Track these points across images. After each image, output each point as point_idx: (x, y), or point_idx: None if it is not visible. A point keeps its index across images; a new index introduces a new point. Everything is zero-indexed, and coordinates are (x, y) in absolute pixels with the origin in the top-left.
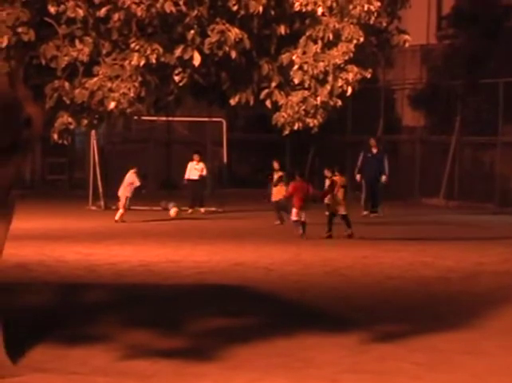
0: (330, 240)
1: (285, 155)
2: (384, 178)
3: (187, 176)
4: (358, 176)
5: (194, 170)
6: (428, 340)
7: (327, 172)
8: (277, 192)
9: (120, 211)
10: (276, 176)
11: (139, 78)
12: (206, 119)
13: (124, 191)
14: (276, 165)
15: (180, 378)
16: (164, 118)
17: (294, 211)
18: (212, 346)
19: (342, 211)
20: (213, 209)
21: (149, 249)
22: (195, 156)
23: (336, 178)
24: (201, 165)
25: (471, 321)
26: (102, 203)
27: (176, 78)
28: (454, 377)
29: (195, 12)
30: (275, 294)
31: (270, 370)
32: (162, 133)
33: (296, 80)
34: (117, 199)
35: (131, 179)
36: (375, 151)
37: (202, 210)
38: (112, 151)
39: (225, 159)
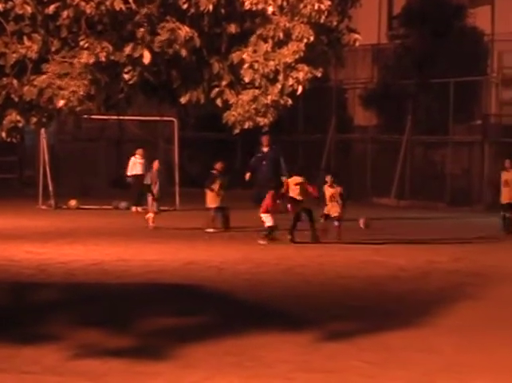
0: (283, 239)
1: (237, 154)
2: (283, 178)
3: (129, 172)
4: (247, 175)
5: (138, 165)
6: (380, 338)
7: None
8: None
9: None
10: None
11: (89, 76)
12: (157, 118)
13: None
14: (218, 166)
15: (132, 377)
16: (115, 117)
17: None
18: (164, 345)
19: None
20: (165, 208)
21: (100, 248)
22: (139, 151)
23: (290, 179)
24: (143, 161)
25: (422, 319)
26: (52, 202)
27: (126, 76)
28: (406, 374)
29: (145, 10)
30: (227, 293)
31: (222, 369)
32: (113, 132)
33: (246, 79)
34: (67, 197)
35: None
36: (266, 149)
37: (140, 209)
38: (63, 149)
39: (176, 158)
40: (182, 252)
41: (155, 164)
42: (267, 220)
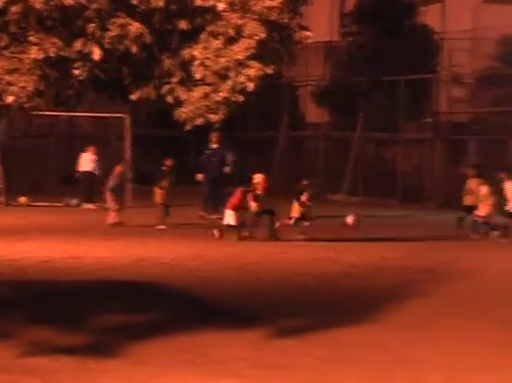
0: (234, 237)
1: (189, 151)
2: (227, 169)
3: (80, 168)
4: (200, 176)
5: (89, 161)
6: (332, 334)
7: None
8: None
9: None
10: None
11: (38, 72)
12: (108, 114)
13: None
14: (168, 163)
15: (83, 374)
16: (66, 113)
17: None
18: (115, 342)
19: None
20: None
21: (51, 245)
22: (91, 148)
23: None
24: (94, 157)
25: (374, 315)
26: (3, 199)
27: (76, 72)
28: (358, 370)
29: (95, 5)
30: (179, 290)
31: (174, 366)
32: (64, 128)
33: (197, 76)
34: (17, 194)
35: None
36: (215, 146)
37: (91, 206)
38: (13, 146)
39: (128, 155)
40: (133, 249)
41: (118, 168)
42: (231, 218)
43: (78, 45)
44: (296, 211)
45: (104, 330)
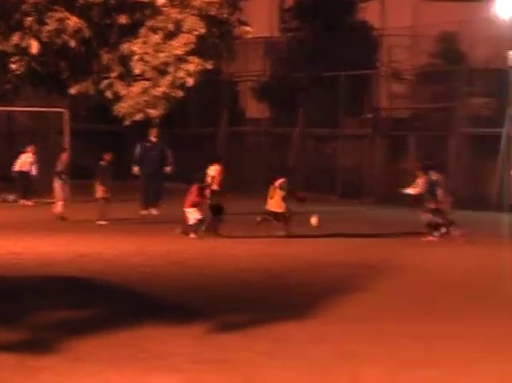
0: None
1: (129, 147)
2: (168, 169)
3: (17, 168)
4: (136, 169)
5: (27, 163)
6: (272, 329)
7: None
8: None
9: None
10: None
11: None
12: (47, 109)
13: None
14: (107, 157)
15: (22, 371)
16: (3, 108)
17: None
18: (55, 339)
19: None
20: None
21: None
22: (30, 148)
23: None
24: (33, 158)
25: (315, 310)
26: None
27: (13, 66)
28: (296, 365)
29: None
30: (120, 286)
31: (114, 362)
32: (2, 123)
33: (137, 71)
34: None
35: None
36: (154, 140)
37: (28, 202)
38: None
39: (68, 150)
40: (74, 245)
41: (64, 156)
42: (193, 215)
43: (15, 38)
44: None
45: (43, 326)
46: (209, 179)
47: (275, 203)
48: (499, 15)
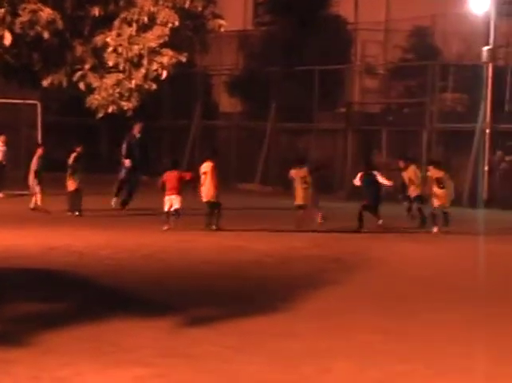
0: (146, 225)
1: (102, 139)
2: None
3: None
4: (127, 161)
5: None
6: (240, 323)
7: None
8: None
9: None
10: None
11: None
12: (19, 101)
13: None
14: (79, 150)
15: None
16: None
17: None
18: (24, 331)
19: (212, 198)
20: (26, 193)
21: None
22: (1, 138)
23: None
24: (4, 148)
25: (284, 304)
26: None
27: None
28: (265, 359)
29: None
30: (88, 279)
31: (83, 354)
32: None
33: (110, 63)
34: None
35: None
36: (138, 136)
37: (1, 195)
38: None
39: (39, 143)
40: (45, 237)
41: (39, 151)
42: (175, 202)
43: None
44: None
45: (12, 319)
46: (202, 176)
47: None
48: (472, 10)
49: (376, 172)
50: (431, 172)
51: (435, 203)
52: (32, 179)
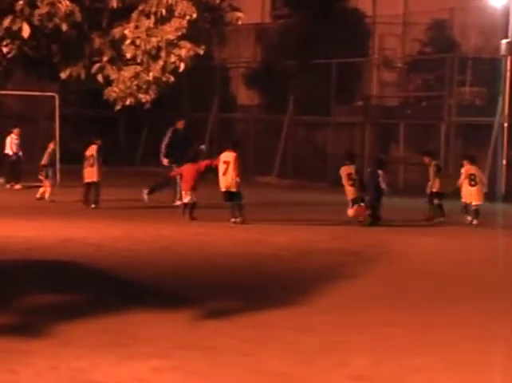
0: (163, 217)
1: (120, 132)
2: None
3: (7, 150)
4: (166, 161)
5: (14, 144)
6: (258, 316)
7: None
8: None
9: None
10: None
11: None
12: (38, 93)
13: None
14: (98, 142)
15: (8, 355)
16: None
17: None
18: (41, 323)
19: (233, 188)
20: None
21: None
22: (15, 130)
23: (223, 154)
24: (18, 141)
25: (301, 298)
26: None
27: (5, 50)
28: (283, 352)
29: None
30: (106, 271)
31: (100, 346)
32: None
33: (128, 55)
34: None
35: None
36: (183, 130)
37: (18, 186)
38: None
39: (57, 135)
40: (61, 229)
41: (51, 145)
42: (191, 197)
43: (7, 22)
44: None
45: (30, 311)
46: (222, 166)
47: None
48: (491, 3)
49: (380, 172)
50: (465, 168)
51: (467, 199)
52: (43, 174)
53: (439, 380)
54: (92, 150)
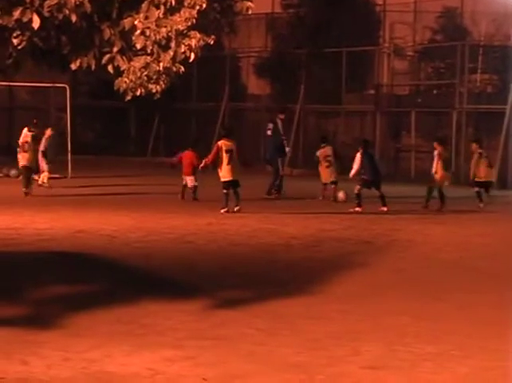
0: (174, 208)
1: (130, 122)
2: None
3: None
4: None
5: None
6: (270, 306)
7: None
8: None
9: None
10: None
11: None
12: (49, 84)
13: None
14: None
15: (21, 346)
16: (5, 83)
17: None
18: (53, 313)
19: (227, 177)
20: (56, 176)
21: None
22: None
23: (220, 142)
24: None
25: (313, 286)
26: None
27: (15, 41)
28: (296, 341)
29: None
30: (118, 261)
31: (112, 337)
32: (3, 98)
33: (138, 46)
34: None
35: None
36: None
37: (37, 177)
38: None
39: (68, 126)
40: (74, 220)
41: (47, 132)
42: (192, 182)
43: (17, 13)
44: None
45: (42, 301)
46: (225, 155)
47: None
48: None
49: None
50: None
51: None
52: (40, 160)
53: (452, 367)
54: (26, 137)
